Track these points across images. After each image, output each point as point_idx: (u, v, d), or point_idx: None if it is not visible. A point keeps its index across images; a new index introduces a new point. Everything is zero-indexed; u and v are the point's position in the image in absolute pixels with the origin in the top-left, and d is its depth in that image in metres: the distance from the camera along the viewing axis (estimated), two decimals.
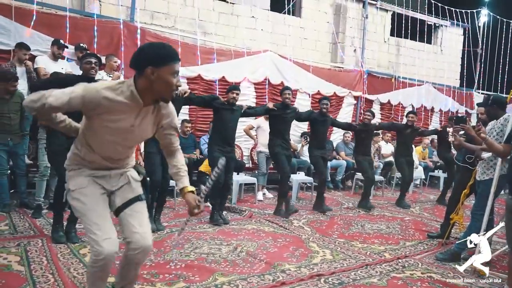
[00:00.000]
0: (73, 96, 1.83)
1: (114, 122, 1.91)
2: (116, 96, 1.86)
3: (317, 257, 3.71)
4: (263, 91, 7.66)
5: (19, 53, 5.03)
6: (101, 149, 2.01)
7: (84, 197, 1.97)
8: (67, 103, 1.84)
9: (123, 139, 2.01)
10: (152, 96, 1.91)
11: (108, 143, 1.99)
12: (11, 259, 3.09)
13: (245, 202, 6.25)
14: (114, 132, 1.94)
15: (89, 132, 1.98)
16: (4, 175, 4.61)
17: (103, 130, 1.93)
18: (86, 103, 1.84)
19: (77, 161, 2.05)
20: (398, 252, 4.07)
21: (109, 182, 2.08)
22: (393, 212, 6.16)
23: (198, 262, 3.34)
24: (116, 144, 2.01)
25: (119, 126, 1.93)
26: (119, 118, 1.90)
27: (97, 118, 1.90)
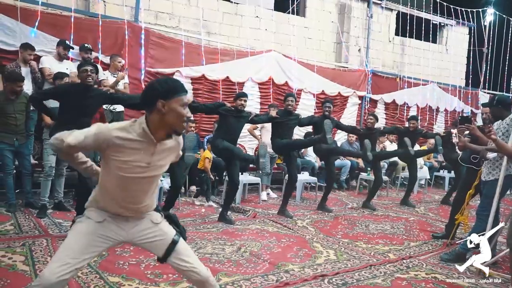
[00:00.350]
0: (87, 135, 1.84)
1: (128, 163, 1.88)
2: (128, 135, 1.85)
3: (321, 258, 3.70)
4: (268, 91, 7.66)
5: (24, 54, 5.06)
6: (116, 192, 1.94)
7: (81, 227, 1.92)
8: (82, 141, 1.84)
9: (136, 182, 1.93)
10: (164, 130, 1.89)
11: (122, 185, 1.92)
12: (16, 258, 3.11)
13: (249, 202, 6.25)
14: (129, 172, 1.89)
15: (105, 173, 1.94)
16: (10, 175, 4.63)
17: (118, 170, 1.88)
18: (100, 141, 1.84)
19: (97, 203, 1.99)
20: (403, 253, 4.06)
21: (126, 225, 1.99)
22: (398, 212, 6.14)
23: (202, 262, 3.33)
24: (131, 185, 1.93)
25: (134, 165, 1.89)
26: (134, 159, 1.88)
27: (112, 158, 1.88)
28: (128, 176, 1.88)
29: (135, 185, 1.92)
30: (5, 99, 4.48)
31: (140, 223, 2.01)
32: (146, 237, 2.01)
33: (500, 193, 3.64)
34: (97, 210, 1.96)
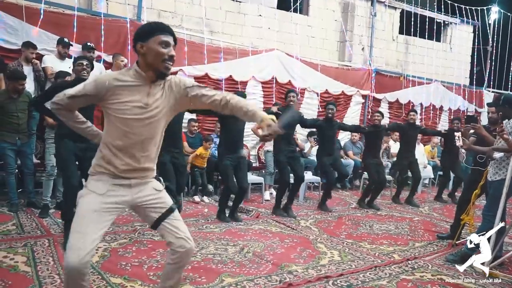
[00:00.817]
0: (87, 83, 1.98)
1: (126, 104, 1.96)
2: (124, 77, 1.97)
3: (325, 258, 3.66)
4: (271, 90, 7.61)
5: (26, 52, 5.04)
6: (120, 145, 1.98)
7: (87, 203, 1.95)
8: (82, 89, 1.96)
9: (138, 123, 1.98)
10: (151, 72, 1.97)
11: (126, 135, 1.97)
12: (18, 259, 3.09)
13: (252, 202, 6.21)
14: (127, 114, 1.95)
15: (109, 127, 2.01)
16: (12, 175, 4.62)
17: (117, 115, 1.96)
18: (99, 87, 1.94)
19: (101, 168, 2.01)
20: (407, 253, 4.02)
21: (131, 190, 2.04)
22: (402, 212, 6.09)
23: (205, 263, 3.32)
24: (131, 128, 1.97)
25: (131, 107, 1.96)
26: (132, 99, 1.96)
27: (111, 103, 1.96)
28: (129, 119, 1.96)
29: (137, 128, 1.98)
30: (7, 97, 4.46)
31: (144, 189, 2.07)
32: (148, 201, 2.07)
33: (507, 193, 3.60)
34: (100, 179, 2.00)
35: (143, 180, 2.07)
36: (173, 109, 2.10)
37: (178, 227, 2.09)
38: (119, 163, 1.99)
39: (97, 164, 2.03)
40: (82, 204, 1.96)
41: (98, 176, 2.01)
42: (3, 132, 4.51)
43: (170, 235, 2.07)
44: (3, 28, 5.32)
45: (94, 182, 2.01)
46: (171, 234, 2.07)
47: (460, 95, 10.79)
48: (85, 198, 1.97)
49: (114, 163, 1.99)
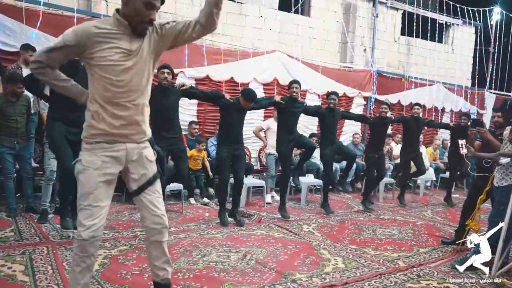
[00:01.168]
0: (66, 33, 1.94)
1: (109, 52, 1.95)
2: (103, 25, 1.96)
3: (329, 266, 3.59)
4: (272, 92, 7.54)
5: (25, 55, 4.96)
6: (108, 95, 1.99)
7: (89, 178, 2.01)
8: (61, 40, 1.93)
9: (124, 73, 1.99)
10: (135, 21, 1.96)
11: (115, 89, 1.99)
12: (15, 268, 3.02)
13: (254, 205, 6.15)
14: (111, 62, 1.96)
15: (95, 83, 2.00)
16: (10, 179, 4.55)
17: (102, 65, 1.96)
18: (79, 35, 1.91)
19: (93, 130, 2.03)
20: (412, 260, 3.95)
21: (124, 159, 2.09)
22: (405, 216, 6.03)
23: (207, 271, 3.25)
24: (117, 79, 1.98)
25: (115, 56, 1.96)
26: (113, 46, 1.95)
27: (93, 53, 1.94)
28: (113, 65, 1.95)
29: (122, 75, 1.98)
30: (5, 101, 4.39)
31: (140, 159, 2.14)
32: (140, 167, 2.15)
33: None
34: (94, 150, 2.03)
35: (138, 142, 2.12)
36: (154, 52, 2.10)
37: (155, 204, 2.17)
38: (110, 118, 2.00)
39: (88, 126, 2.04)
40: (84, 181, 2.02)
41: (92, 145, 2.03)
42: (1, 136, 4.44)
43: (146, 211, 2.16)
44: (1, 30, 5.26)
45: (87, 156, 2.03)
46: (147, 210, 2.16)
47: (461, 96, 10.73)
48: (84, 174, 2.02)
49: (105, 118, 2.00)
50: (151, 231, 2.18)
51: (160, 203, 2.20)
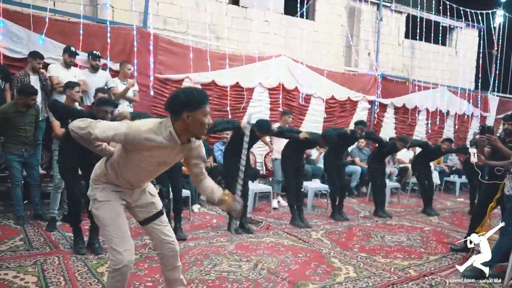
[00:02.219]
0: (118, 133, 2.03)
1: (151, 158, 2.14)
2: (156, 137, 2.05)
3: (341, 275, 3.58)
4: (277, 97, 7.54)
5: (33, 63, 4.96)
6: (129, 176, 2.24)
7: (109, 210, 2.21)
8: (111, 138, 2.06)
9: (155, 170, 2.30)
10: (187, 136, 2.12)
11: (138, 172, 2.23)
12: (28, 279, 3.01)
13: (260, 211, 6.14)
14: (149, 164, 2.19)
15: (124, 161, 2.18)
16: (18, 187, 4.54)
17: (139, 162, 2.16)
18: (129, 141, 2.05)
19: (104, 179, 2.27)
20: (423, 268, 3.93)
21: (132, 196, 2.33)
22: (412, 222, 6.02)
23: (220, 281, 3.23)
24: (146, 172, 2.27)
25: (155, 161, 2.17)
26: (157, 155, 2.14)
27: (136, 153, 2.12)
28: (145, 167, 2.19)
29: (148, 172, 2.26)
30: (15, 111, 4.38)
31: (141, 195, 2.37)
32: (143, 202, 2.37)
33: None
34: (104, 189, 2.25)
35: (141, 188, 2.37)
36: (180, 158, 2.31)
37: (165, 233, 2.38)
38: (123, 183, 2.26)
39: (101, 175, 2.27)
40: (105, 214, 2.21)
41: (102, 185, 2.26)
42: (10, 144, 4.43)
43: (157, 239, 2.38)
44: (8, 37, 5.25)
45: (100, 193, 2.24)
46: (158, 239, 2.37)
47: (465, 99, 10.72)
48: (103, 209, 2.21)
49: (117, 183, 2.26)
50: (164, 257, 2.40)
51: (169, 231, 2.42)
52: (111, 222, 2.19)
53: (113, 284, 2.18)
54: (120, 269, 2.13)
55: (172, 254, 2.39)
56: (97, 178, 2.29)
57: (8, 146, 4.44)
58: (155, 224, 2.37)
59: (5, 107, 4.45)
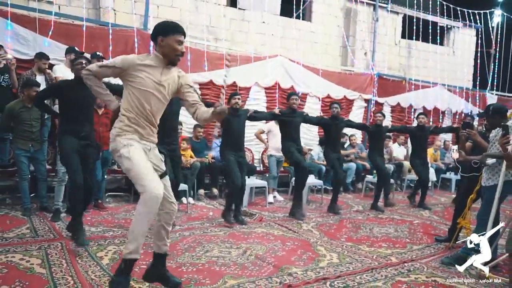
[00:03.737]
0: (116, 58, 2.61)
1: (145, 79, 2.54)
2: (144, 59, 2.59)
3: (324, 261, 3.81)
4: (274, 96, 7.78)
5: (39, 63, 5.26)
6: (139, 109, 2.58)
7: (139, 154, 2.53)
8: (112, 62, 2.60)
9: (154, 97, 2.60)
10: (165, 59, 2.58)
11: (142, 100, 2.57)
12: (33, 261, 3.29)
13: (256, 205, 6.38)
14: (150, 86, 2.56)
15: (132, 98, 2.57)
16: (25, 180, 4.83)
17: (137, 87, 2.55)
18: (126, 64, 2.54)
19: (127, 127, 2.59)
20: (405, 256, 4.14)
21: (148, 154, 2.65)
22: (403, 215, 6.22)
23: (209, 265, 3.49)
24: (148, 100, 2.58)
25: (149, 82, 2.55)
26: (148, 76, 2.55)
27: (131, 78, 2.55)
28: (146, 90, 2.55)
29: (149, 99, 2.58)
30: (22, 107, 4.68)
31: (154, 152, 2.72)
32: (155, 155, 2.71)
33: (500, 198, 3.73)
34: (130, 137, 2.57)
35: (153, 144, 2.71)
36: (174, 92, 2.73)
37: (170, 193, 2.72)
38: (142, 124, 2.60)
39: (123, 125, 2.58)
40: (137, 155, 2.51)
41: (125, 136, 2.57)
42: (17, 139, 4.73)
43: (164, 198, 2.59)
44: (16, 39, 5.56)
45: (129, 140, 2.55)
46: (165, 197, 2.61)
47: (463, 98, 10.88)
48: (130, 152, 2.50)
49: (137, 124, 2.59)
50: (165, 215, 2.70)
51: (170, 192, 2.73)
52: (143, 162, 2.50)
53: (143, 216, 2.44)
54: (152, 198, 2.40)
55: (172, 212, 2.73)
56: (121, 130, 2.59)
57: (15, 141, 4.75)
58: (162, 181, 2.63)
59: (12, 104, 4.76)
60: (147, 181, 2.44)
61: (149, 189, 2.42)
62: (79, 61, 3.94)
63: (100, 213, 5.19)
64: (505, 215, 5.60)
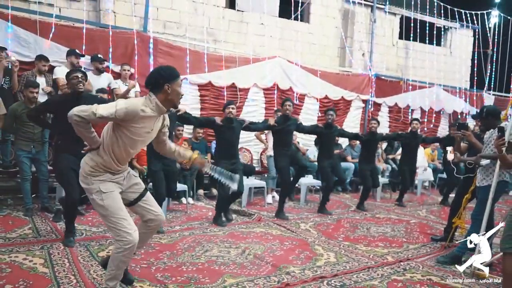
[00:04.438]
0: (118, 109, 2.40)
1: (142, 129, 2.53)
2: (147, 109, 2.49)
3: (321, 260, 3.89)
4: (272, 97, 7.85)
5: (39, 65, 5.33)
6: (122, 153, 2.58)
7: (114, 199, 2.55)
8: (113, 113, 2.39)
9: (140, 142, 2.63)
10: (166, 105, 2.56)
11: (131, 144, 2.57)
12: (36, 261, 3.35)
13: (255, 205, 6.45)
14: (139, 135, 2.55)
15: (117, 141, 2.53)
16: (27, 181, 4.89)
17: (131, 135, 2.52)
18: (128, 113, 2.42)
19: (100, 168, 2.57)
20: (401, 255, 4.21)
21: (124, 181, 2.70)
22: (400, 215, 6.30)
23: (208, 264, 3.56)
24: (134, 146, 2.60)
25: (142, 132, 2.54)
26: (144, 126, 2.53)
27: (126, 126, 2.48)
28: (135, 139, 2.54)
29: (136, 145, 2.61)
30: (24, 108, 4.74)
31: (128, 178, 2.75)
32: (131, 183, 2.75)
33: (493, 198, 3.81)
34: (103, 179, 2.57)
35: (126, 171, 2.74)
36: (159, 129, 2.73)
37: (154, 207, 2.78)
38: (115, 167, 2.60)
39: (96, 166, 2.56)
40: (111, 202, 2.53)
41: (102, 176, 2.57)
42: (20, 141, 4.79)
43: (149, 214, 2.75)
44: (17, 41, 5.62)
45: (102, 185, 2.55)
46: (150, 213, 2.75)
47: (461, 98, 10.96)
48: (109, 199, 2.53)
49: (111, 167, 2.59)
50: (150, 227, 2.81)
51: (155, 205, 2.82)
52: (117, 209, 2.52)
53: (122, 260, 2.57)
54: (131, 247, 2.51)
55: (158, 224, 2.83)
56: (94, 170, 2.56)
57: (17, 143, 4.81)
58: (143, 202, 2.74)
59: (14, 105, 4.82)
60: (122, 230, 2.50)
61: (124, 237, 2.50)
62: (75, 75, 3.88)
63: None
64: (501, 214, 5.68)
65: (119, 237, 2.51)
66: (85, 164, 2.59)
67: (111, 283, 2.64)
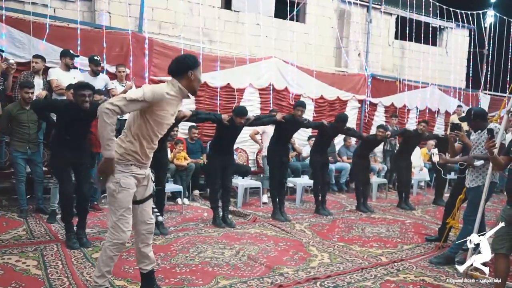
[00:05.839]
0: (146, 91, 2.49)
1: (167, 111, 2.61)
2: (171, 91, 2.58)
3: (315, 261, 3.90)
4: (268, 97, 7.86)
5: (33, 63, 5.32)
6: (149, 136, 2.62)
7: (128, 196, 2.60)
8: (142, 96, 2.46)
9: (166, 126, 2.69)
10: (188, 90, 2.65)
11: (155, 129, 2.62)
12: (29, 263, 3.35)
13: (250, 206, 6.46)
14: (165, 118, 2.62)
15: (144, 127, 2.59)
16: (22, 182, 4.88)
17: (155, 119, 2.58)
18: (156, 96, 2.50)
19: (128, 155, 2.60)
20: (395, 256, 4.23)
21: (142, 182, 2.74)
22: (395, 215, 6.31)
23: (202, 266, 3.56)
24: (161, 128, 2.66)
25: (168, 114, 2.63)
26: (170, 109, 2.62)
27: (154, 111, 2.55)
28: (162, 123, 2.63)
29: (163, 128, 2.68)
30: (19, 108, 4.74)
31: (148, 180, 2.80)
32: (147, 179, 2.79)
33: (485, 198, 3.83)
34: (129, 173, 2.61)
35: (148, 169, 2.78)
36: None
37: (150, 215, 2.82)
38: (143, 152, 2.64)
39: (125, 153, 2.60)
40: (122, 198, 2.57)
41: (126, 167, 2.60)
42: (15, 142, 4.78)
43: (141, 219, 2.76)
44: (11, 42, 5.60)
45: (124, 178, 2.58)
46: (142, 219, 2.76)
47: (456, 98, 10.99)
48: (122, 194, 2.57)
49: (139, 152, 2.62)
50: (142, 235, 2.78)
51: (150, 213, 2.83)
52: (126, 206, 2.59)
53: (109, 255, 2.60)
54: (120, 244, 2.59)
55: (150, 233, 2.82)
56: (122, 158, 2.59)
57: (13, 144, 4.80)
58: (145, 206, 2.77)
59: (10, 106, 4.83)
60: (120, 226, 2.57)
61: (117, 233, 2.57)
62: (82, 92, 3.71)
63: (95, 214, 5.25)
64: (496, 215, 5.71)
65: (114, 229, 2.58)
66: (119, 146, 2.63)
67: (99, 280, 2.66)
